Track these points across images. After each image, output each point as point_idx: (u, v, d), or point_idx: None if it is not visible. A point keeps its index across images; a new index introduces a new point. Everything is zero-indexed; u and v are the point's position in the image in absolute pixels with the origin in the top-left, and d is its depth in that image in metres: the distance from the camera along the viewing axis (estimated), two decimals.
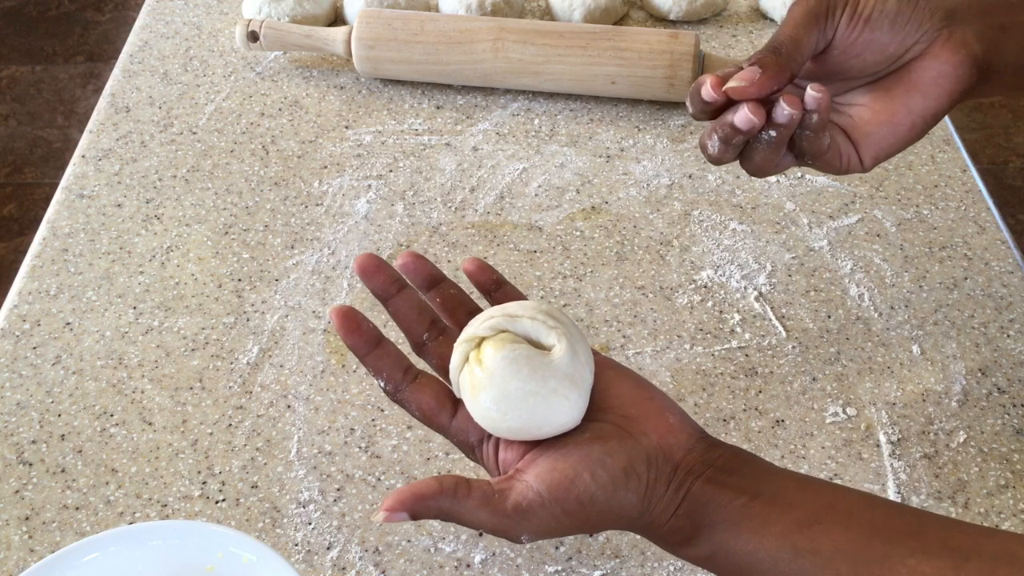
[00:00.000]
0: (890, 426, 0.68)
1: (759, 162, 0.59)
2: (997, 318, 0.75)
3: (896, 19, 0.58)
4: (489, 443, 0.54)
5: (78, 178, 0.87)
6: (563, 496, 0.49)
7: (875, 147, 0.60)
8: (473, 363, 0.52)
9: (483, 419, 0.52)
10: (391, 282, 0.57)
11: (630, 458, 0.50)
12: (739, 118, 0.56)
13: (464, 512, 0.49)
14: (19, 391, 0.70)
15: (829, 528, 0.48)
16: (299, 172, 0.87)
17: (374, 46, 0.93)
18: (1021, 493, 0.64)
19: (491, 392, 0.51)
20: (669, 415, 0.52)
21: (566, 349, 0.51)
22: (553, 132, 0.91)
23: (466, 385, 0.52)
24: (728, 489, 0.50)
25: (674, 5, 1.02)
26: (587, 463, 0.49)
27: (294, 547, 0.62)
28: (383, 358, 0.55)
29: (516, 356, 0.51)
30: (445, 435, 0.55)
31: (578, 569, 0.61)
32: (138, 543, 0.53)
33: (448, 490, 0.49)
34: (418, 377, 0.55)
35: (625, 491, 0.49)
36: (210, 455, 0.67)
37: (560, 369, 0.51)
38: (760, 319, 0.75)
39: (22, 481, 0.65)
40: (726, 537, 0.49)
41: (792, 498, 0.50)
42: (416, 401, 0.55)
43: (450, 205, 0.84)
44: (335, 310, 0.55)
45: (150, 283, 0.78)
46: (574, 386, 0.51)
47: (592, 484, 0.49)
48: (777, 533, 0.48)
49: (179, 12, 1.06)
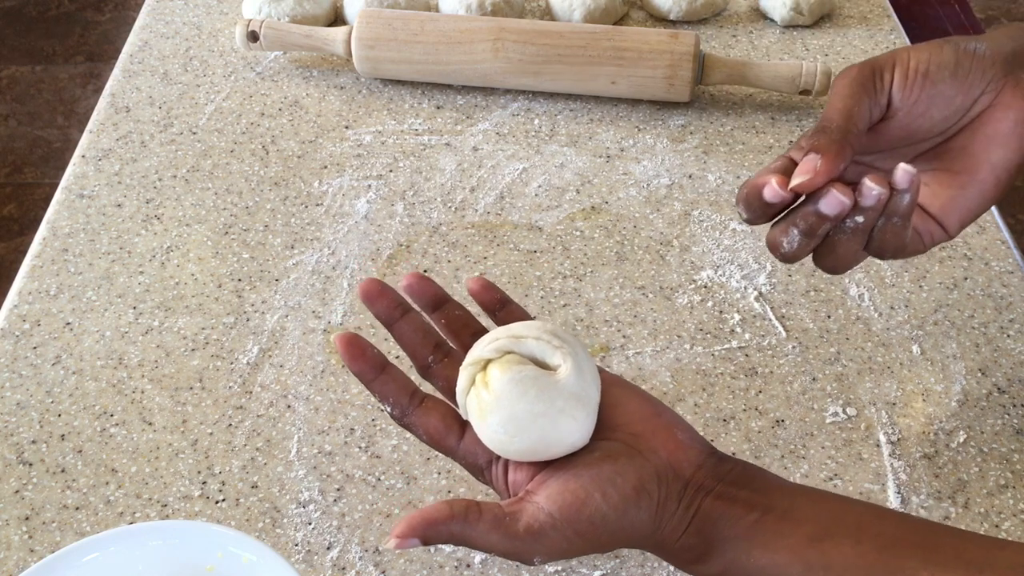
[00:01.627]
0: (890, 426, 0.68)
1: (842, 254, 0.55)
2: (997, 318, 0.75)
3: (957, 70, 0.55)
4: (498, 465, 0.54)
5: (78, 178, 0.87)
6: (575, 517, 0.49)
7: (961, 211, 0.57)
8: (480, 386, 0.52)
9: (491, 441, 0.52)
10: (394, 306, 0.57)
11: (640, 476, 0.50)
12: (828, 203, 0.52)
13: (475, 536, 0.49)
14: (19, 391, 0.70)
15: (840, 542, 0.48)
16: (299, 172, 0.87)
17: (374, 46, 0.93)
18: (1021, 493, 0.64)
19: (499, 415, 0.51)
20: (677, 431, 0.52)
21: (572, 368, 0.51)
22: (553, 132, 0.91)
23: (473, 408, 0.52)
24: (739, 504, 0.50)
25: (674, 5, 1.02)
26: (597, 483, 0.49)
27: (294, 547, 0.62)
28: (389, 383, 0.55)
29: (523, 378, 0.51)
30: (453, 458, 0.55)
31: (578, 569, 0.61)
32: (138, 543, 0.53)
33: (459, 514, 0.49)
34: (424, 401, 0.55)
35: (636, 510, 0.49)
36: (210, 455, 0.67)
37: (567, 389, 0.51)
38: (760, 319, 0.75)
39: (22, 481, 0.65)
40: (738, 553, 0.49)
41: (803, 513, 0.50)
42: (423, 425, 0.54)
43: (450, 205, 0.84)
44: (339, 337, 0.55)
45: (150, 283, 0.78)
46: (581, 405, 0.51)
47: (603, 504, 0.49)
48: (789, 548, 0.49)
49: (179, 12, 1.06)
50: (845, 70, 0.56)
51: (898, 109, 0.56)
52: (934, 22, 1.84)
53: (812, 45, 1.01)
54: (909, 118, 0.57)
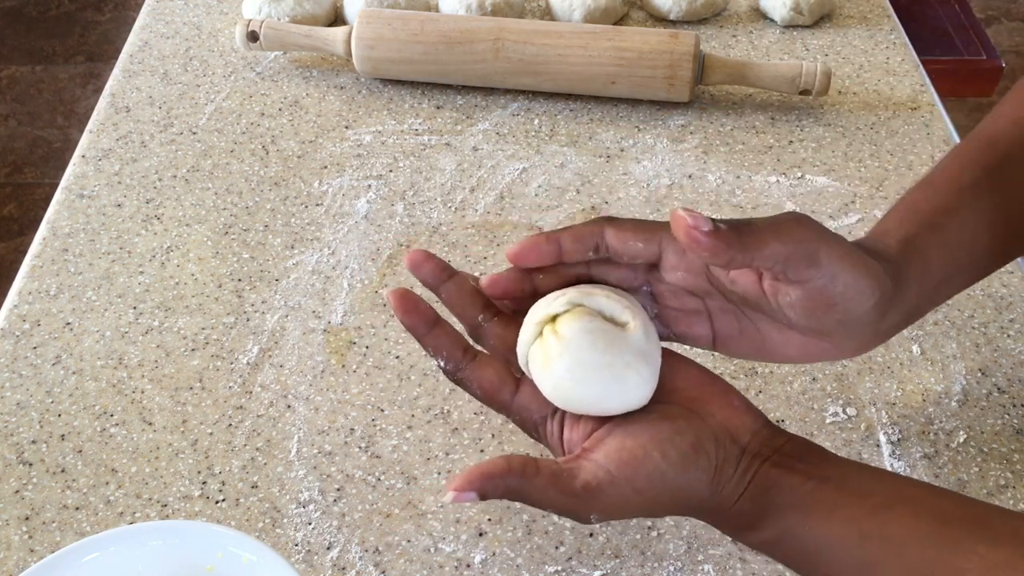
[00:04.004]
0: (890, 426, 0.68)
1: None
2: (997, 318, 0.75)
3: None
4: (554, 421, 0.53)
5: (78, 178, 0.87)
6: (633, 474, 0.48)
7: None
8: (548, 335, 0.52)
9: (555, 388, 0.51)
10: (440, 269, 0.56)
11: (699, 436, 0.50)
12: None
13: (533, 491, 0.48)
14: (19, 391, 0.70)
15: (899, 514, 0.48)
16: (299, 172, 0.87)
17: (374, 46, 0.93)
18: (1021, 493, 0.64)
19: (566, 360, 0.50)
20: (733, 398, 0.52)
21: (641, 326, 0.52)
22: (553, 132, 0.91)
23: (537, 357, 0.52)
24: (796, 473, 0.49)
25: (674, 5, 1.02)
26: (656, 441, 0.49)
27: (294, 547, 0.62)
28: (441, 336, 0.54)
29: (593, 327, 0.51)
30: (507, 413, 0.55)
31: (578, 569, 0.61)
32: (138, 543, 0.53)
33: (516, 469, 0.48)
34: (477, 356, 0.55)
35: (696, 469, 0.49)
36: (210, 455, 0.67)
37: (635, 345, 0.51)
38: None
39: (22, 481, 0.65)
40: (793, 521, 0.49)
41: (860, 485, 0.50)
42: (477, 379, 0.54)
43: (450, 205, 0.84)
44: (392, 292, 0.54)
45: (150, 283, 0.78)
46: (647, 363, 0.51)
47: (663, 462, 0.49)
48: (845, 518, 0.48)
49: (179, 12, 1.06)
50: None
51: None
52: (934, 22, 1.84)
53: (812, 45, 1.01)
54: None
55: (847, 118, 0.93)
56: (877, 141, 0.90)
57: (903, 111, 0.93)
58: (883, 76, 0.97)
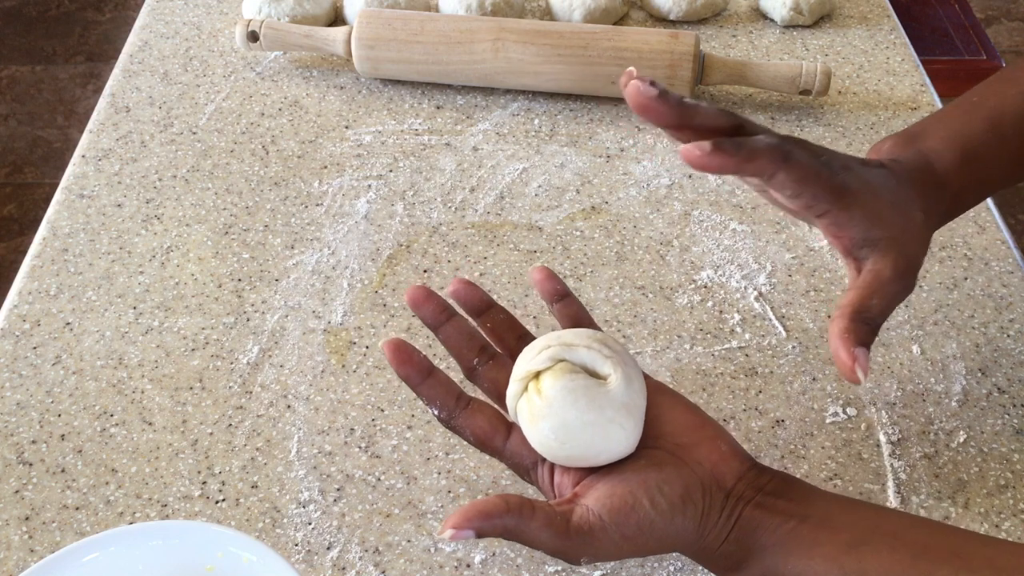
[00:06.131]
0: (890, 426, 0.68)
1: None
2: (997, 318, 0.75)
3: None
4: (544, 467, 0.55)
5: (78, 178, 0.87)
6: (623, 521, 0.50)
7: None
8: (532, 392, 0.53)
9: (541, 446, 0.53)
10: (440, 310, 0.59)
11: (686, 486, 0.51)
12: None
13: (528, 532, 0.50)
14: (19, 391, 0.70)
15: (876, 549, 0.49)
16: (299, 172, 0.87)
17: (374, 46, 0.93)
18: (1021, 493, 0.64)
19: (550, 421, 0.52)
20: (721, 443, 0.53)
21: (622, 379, 0.53)
22: (553, 132, 0.91)
23: (524, 413, 0.54)
24: (777, 513, 0.51)
25: (674, 5, 1.02)
26: (645, 490, 0.51)
27: (294, 547, 0.62)
28: (435, 387, 0.56)
29: (575, 387, 0.52)
30: (499, 458, 0.56)
31: (578, 569, 0.61)
32: (138, 543, 0.53)
33: (514, 509, 0.50)
34: (470, 403, 0.57)
35: (683, 518, 0.51)
36: (210, 455, 0.67)
37: (617, 399, 0.52)
38: (760, 319, 0.75)
39: (22, 481, 0.65)
40: (776, 561, 0.50)
41: (839, 521, 0.51)
42: (470, 427, 0.56)
43: (450, 205, 0.84)
44: (387, 343, 0.56)
45: (150, 283, 0.78)
46: (630, 415, 0.52)
47: (652, 511, 0.50)
48: (825, 555, 0.49)
49: (179, 12, 1.06)
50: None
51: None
52: (934, 22, 1.84)
53: (812, 45, 1.01)
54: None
55: (847, 118, 0.93)
56: (877, 141, 0.90)
57: (903, 111, 0.93)
58: (883, 76, 0.97)
